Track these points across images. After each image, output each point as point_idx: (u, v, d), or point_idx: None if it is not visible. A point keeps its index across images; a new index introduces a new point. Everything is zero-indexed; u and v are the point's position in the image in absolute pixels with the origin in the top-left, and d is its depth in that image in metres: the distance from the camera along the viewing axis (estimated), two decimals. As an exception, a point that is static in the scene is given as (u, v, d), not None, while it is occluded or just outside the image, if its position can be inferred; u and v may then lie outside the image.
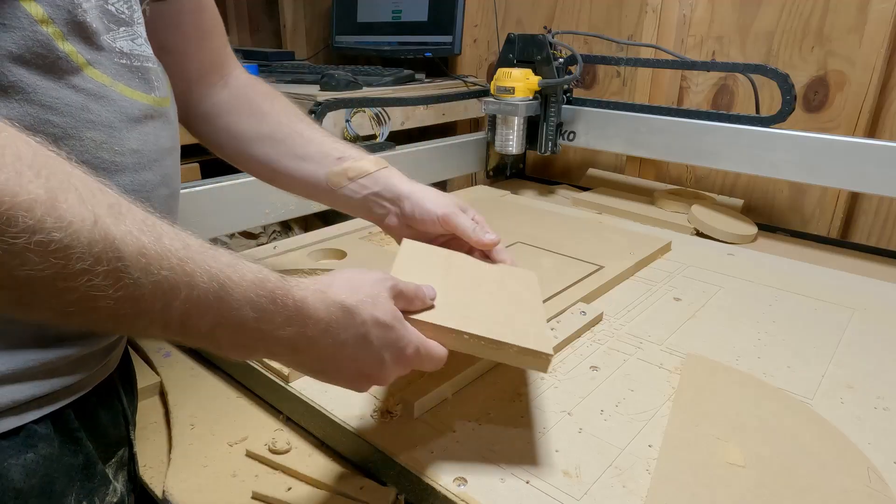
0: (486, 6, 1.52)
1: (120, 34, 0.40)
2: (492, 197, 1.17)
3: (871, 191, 0.90)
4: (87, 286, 0.26)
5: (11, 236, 0.23)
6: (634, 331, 0.65)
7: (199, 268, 0.30)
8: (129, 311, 0.28)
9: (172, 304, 0.29)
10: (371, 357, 0.39)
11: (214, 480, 0.47)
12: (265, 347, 0.35)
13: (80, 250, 0.25)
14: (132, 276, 0.27)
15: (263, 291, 0.33)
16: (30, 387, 0.34)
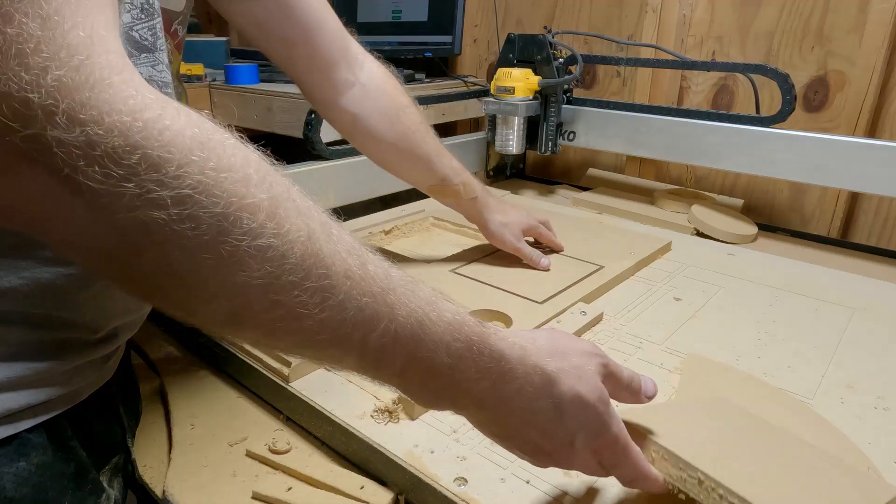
0: (486, 6, 1.52)
1: (141, 60, 0.40)
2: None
3: (871, 191, 0.90)
4: (295, 301, 0.26)
5: (235, 238, 0.24)
6: (634, 331, 0.65)
7: (399, 300, 0.29)
8: (330, 336, 0.27)
9: (371, 335, 0.28)
10: (561, 434, 0.35)
11: (214, 480, 0.47)
12: (451, 396, 0.33)
13: (293, 261, 0.25)
14: (337, 297, 0.27)
15: (460, 335, 0.31)
16: (25, 395, 0.34)
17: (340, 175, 1.00)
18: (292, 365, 0.54)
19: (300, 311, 0.26)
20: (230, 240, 0.23)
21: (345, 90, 0.65)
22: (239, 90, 1.32)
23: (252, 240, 0.24)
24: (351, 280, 0.27)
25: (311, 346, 0.28)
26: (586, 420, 0.35)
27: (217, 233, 0.23)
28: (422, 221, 0.98)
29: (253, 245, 0.24)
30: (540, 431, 0.35)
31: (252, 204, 0.24)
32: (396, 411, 0.50)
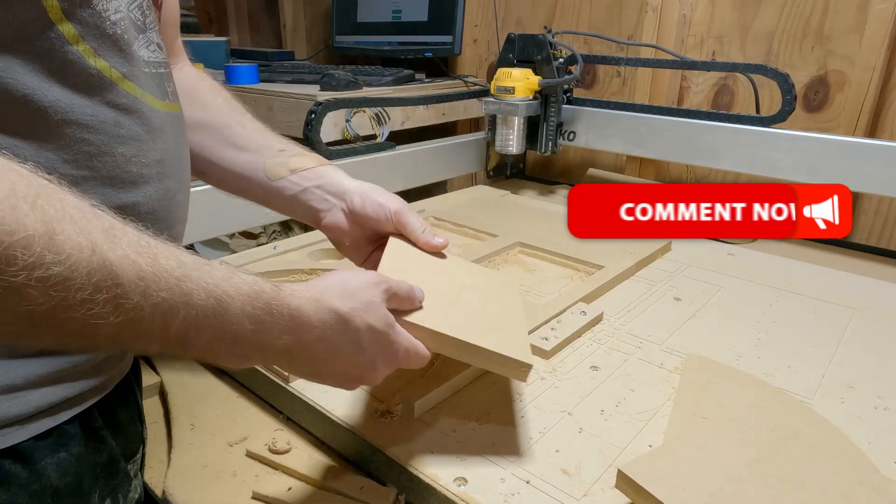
0: (486, 6, 1.52)
1: (140, 42, 0.40)
2: (492, 197, 1.17)
3: (871, 191, 0.90)
4: (88, 315, 0.26)
5: (11, 275, 0.23)
6: (635, 331, 0.65)
7: (196, 286, 0.30)
8: (129, 334, 0.28)
9: (171, 324, 0.29)
10: (363, 361, 0.40)
11: (214, 480, 0.47)
12: (261, 356, 0.36)
13: (79, 281, 0.25)
14: (132, 300, 0.27)
15: (259, 303, 0.33)
16: (62, 388, 0.35)
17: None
18: (292, 365, 0.54)
19: (95, 322, 0.26)
20: (5, 277, 0.23)
21: None
22: (239, 90, 1.32)
23: (31, 272, 0.23)
24: (143, 281, 0.27)
25: (112, 344, 0.28)
26: (381, 345, 0.41)
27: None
28: (422, 221, 0.98)
29: (33, 277, 0.23)
30: (345, 363, 0.39)
31: (25, 238, 0.23)
32: (396, 411, 0.50)
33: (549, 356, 0.60)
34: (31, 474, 0.33)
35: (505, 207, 1.09)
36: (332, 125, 1.12)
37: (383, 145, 1.10)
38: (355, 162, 1.02)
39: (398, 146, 1.12)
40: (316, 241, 0.86)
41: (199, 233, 0.83)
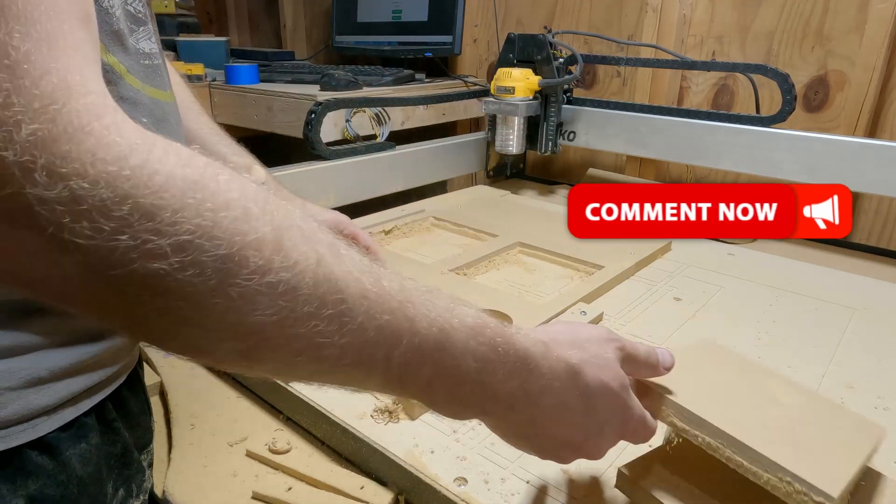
0: (486, 6, 1.52)
1: (140, 34, 0.40)
2: (492, 197, 1.17)
3: (871, 191, 0.90)
4: (314, 332, 0.25)
5: (244, 278, 0.22)
6: (635, 331, 0.65)
7: (419, 312, 0.28)
8: (353, 360, 0.26)
9: (394, 352, 0.27)
10: (591, 425, 0.35)
11: (214, 480, 0.47)
12: (480, 404, 0.32)
13: (306, 292, 0.24)
14: (356, 320, 0.26)
15: (484, 339, 0.30)
16: (83, 379, 0.35)
17: (340, 175, 1.00)
18: (292, 365, 0.54)
19: (320, 341, 0.25)
20: (238, 281, 0.22)
21: None
22: (239, 90, 1.32)
23: (261, 277, 0.23)
24: (368, 300, 0.26)
25: (334, 371, 0.27)
26: (613, 407, 0.35)
27: (224, 276, 0.22)
28: (422, 221, 0.98)
29: (263, 283, 0.23)
30: (569, 425, 0.34)
31: (256, 240, 0.23)
32: (396, 411, 0.50)
33: (549, 356, 0.59)
34: (57, 465, 0.33)
35: (505, 207, 1.09)
36: (332, 125, 1.12)
37: (383, 145, 1.10)
38: (355, 162, 1.02)
39: (398, 146, 1.12)
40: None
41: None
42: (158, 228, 0.21)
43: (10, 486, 0.31)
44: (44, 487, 0.33)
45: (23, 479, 0.32)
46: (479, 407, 0.32)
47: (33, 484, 0.32)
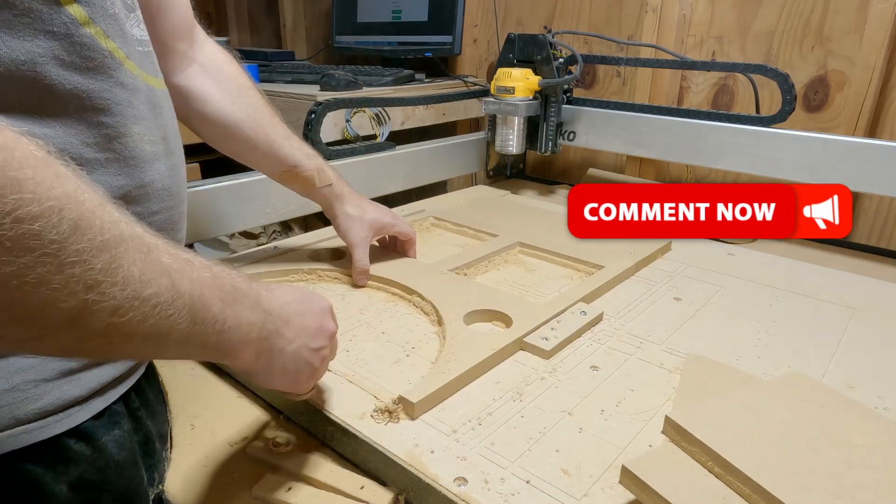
0: (486, 6, 1.52)
1: (132, 20, 0.40)
2: (492, 197, 1.17)
3: (871, 191, 0.90)
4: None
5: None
6: (635, 331, 0.65)
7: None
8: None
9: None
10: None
11: (214, 480, 0.47)
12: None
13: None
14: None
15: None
16: (109, 369, 0.36)
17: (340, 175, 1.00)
18: (292, 365, 0.54)
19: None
20: None
21: (181, 67, 0.60)
22: (239, 90, 1.32)
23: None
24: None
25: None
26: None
27: None
28: (422, 221, 0.98)
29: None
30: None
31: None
32: (396, 411, 0.50)
33: (549, 356, 0.60)
34: (95, 451, 0.34)
35: (505, 207, 1.09)
36: (332, 125, 1.12)
37: (383, 145, 1.10)
38: (355, 162, 1.02)
39: (398, 146, 1.12)
40: (316, 241, 0.86)
41: (198, 233, 0.83)
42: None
43: (53, 474, 0.32)
44: (84, 473, 0.34)
45: (63, 465, 0.33)
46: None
47: (74, 470, 0.33)
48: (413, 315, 0.68)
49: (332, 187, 0.71)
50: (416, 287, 0.70)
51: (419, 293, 0.69)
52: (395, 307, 0.69)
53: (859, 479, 0.39)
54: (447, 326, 0.61)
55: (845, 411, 0.46)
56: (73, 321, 0.26)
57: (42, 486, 0.32)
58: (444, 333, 0.60)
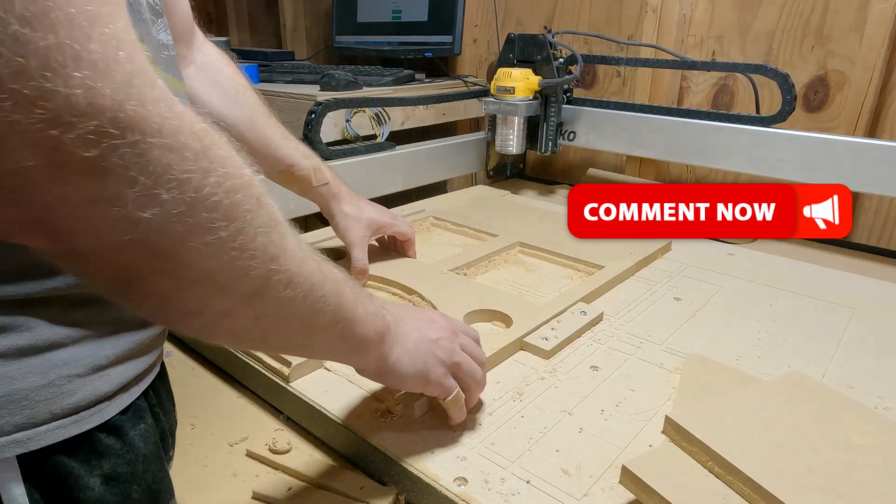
0: (486, 6, 1.52)
1: (159, 26, 0.40)
2: (492, 197, 1.17)
3: (871, 191, 0.90)
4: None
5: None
6: (635, 331, 0.65)
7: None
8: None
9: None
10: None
11: (214, 480, 0.47)
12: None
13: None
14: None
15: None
16: (133, 365, 0.36)
17: (340, 175, 1.00)
18: (292, 365, 0.54)
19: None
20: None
21: (180, 68, 0.61)
22: (239, 90, 1.32)
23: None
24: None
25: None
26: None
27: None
28: (422, 221, 0.98)
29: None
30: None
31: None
32: (396, 411, 0.50)
33: (549, 356, 0.60)
34: (125, 445, 0.35)
35: (505, 207, 1.09)
36: (332, 125, 1.12)
37: (383, 145, 1.10)
38: (355, 162, 1.02)
39: (398, 146, 1.12)
40: (315, 241, 0.86)
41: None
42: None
43: (87, 468, 0.33)
44: (116, 466, 0.34)
45: (97, 459, 0.34)
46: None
47: (106, 463, 0.34)
48: (413, 315, 0.68)
49: (328, 186, 0.72)
50: (416, 287, 0.70)
51: (419, 293, 0.69)
52: (395, 307, 0.69)
53: (859, 479, 0.39)
54: (447, 326, 0.61)
55: (845, 411, 0.46)
56: (259, 292, 0.29)
57: (78, 478, 0.33)
58: (444, 333, 0.60)
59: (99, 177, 0.22)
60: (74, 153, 0.21)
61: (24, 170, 0.21)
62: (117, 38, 0.22)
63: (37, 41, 0.20)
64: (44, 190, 0.22)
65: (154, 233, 0.24)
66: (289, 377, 0.54)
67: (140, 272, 0.26)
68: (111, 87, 0.22)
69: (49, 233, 0.23)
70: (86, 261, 0.25)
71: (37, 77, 0.20)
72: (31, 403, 0.30)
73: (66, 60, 0.21)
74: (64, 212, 0.23)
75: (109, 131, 0.22)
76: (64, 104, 0.21)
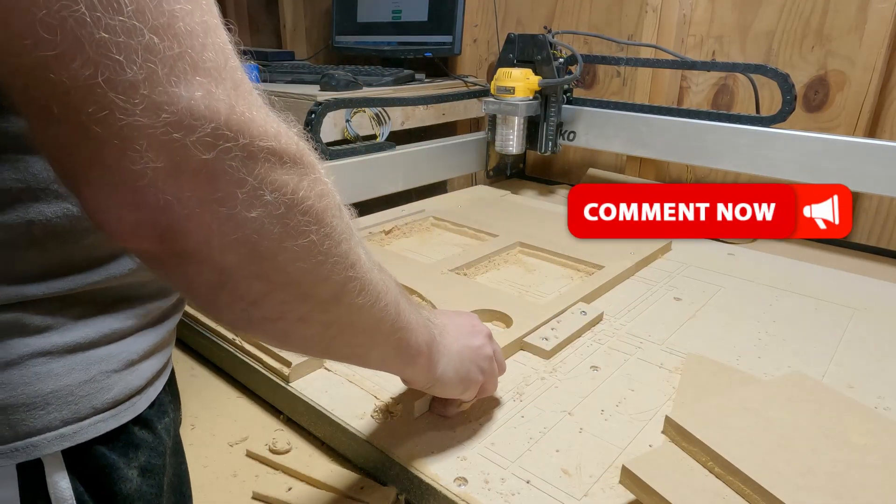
0: (486, 6, 1.52)
1: None
2: (492, 197, 1.17)
3: (871, 191, 0.90)
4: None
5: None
6: (635, 331, 0.65)
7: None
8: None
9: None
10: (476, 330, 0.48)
11: (214, 480, 0.47)
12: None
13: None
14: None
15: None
16: (157, 360, 0.37)
17: (340, 175, 1.00)
18: (292, 365, 0.54)
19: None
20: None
21: None
22: (239, 90, 1.32)
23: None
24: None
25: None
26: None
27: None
28: (422, 221, 0.98)
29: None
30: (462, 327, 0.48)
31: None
32: (396, 411, 0.50)
33: (549, 356, 0.60)
34: (155, 437, 0.36)
35: (505, 207, 1.09)
36: (332, 125, 1.12)
37: (383, 145, 1.10)
38: (355, 162, 1.02)
39: (398, 146, 1.12)
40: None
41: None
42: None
43: (125, 460, 0.34)
44: (150, 458, 0.36)
45: (133, 452, 0.35)
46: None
47: (142, 456, 0.35)
48: (413, 315, 0.68)
49: None
50: (416, 287, 0.70)
51: (419, 293, 0.69)
52: (395, 307, 0.69)
53: (859, 479, 0.39)
54: (447, 326, 0.61)
55: (845, 411, 0.46)
56: (335, 297, 0.31)
57: (118, 471, 0.34)
58: (444, 333, 0.60)
59: (214, 177, 0.24)
60: (194, 155, 0.23)
61: (150, 171, 0.22)
62: (225, 48, 0.24)
63: (164, 50, 0.22)
64: (164, 190, 0.23)
65: (256, 233, 0.25)
66: (289, 377, 0.54)
67: (237, 275, 0.27)
68: (224, 93, 0.23)
69: (161, 234, 0.24)
70: (190, 262, 0.26)
71: (164, 83, 0.22)
72: (76, 399, 0.32)
73: (187, 68, 0.22)
74: (178, 212, 0.24)
75: (225, 134, 0.23)
76: (186, 108, 0.22)
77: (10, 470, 0.30)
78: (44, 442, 0.31)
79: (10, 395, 0.30)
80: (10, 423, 0.30)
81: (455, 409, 0.50)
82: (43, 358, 0.31)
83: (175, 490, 0.39)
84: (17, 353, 0.30)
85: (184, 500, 0.41)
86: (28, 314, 0.30)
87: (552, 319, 0.65)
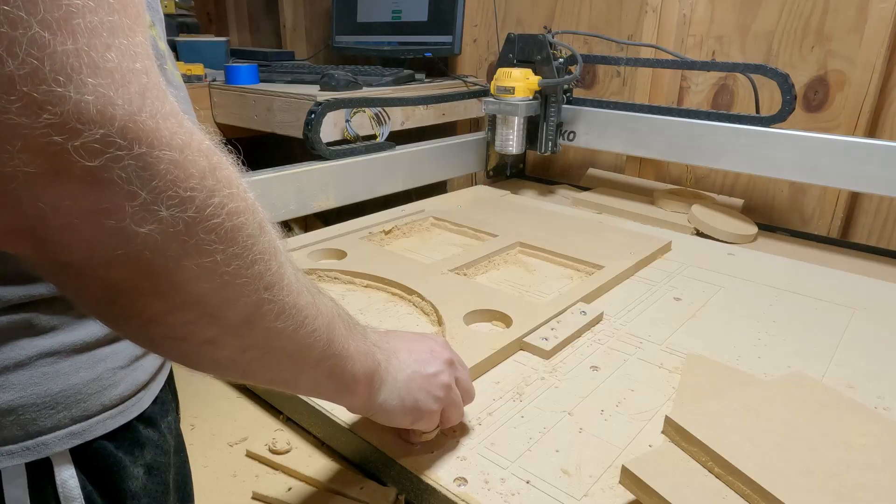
0: (486, 6, 1.52)
1: (158, 33, 0.41)
2: (492, 197, 1.17)
3: (871, 191, 0.90)
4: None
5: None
6: (635, 331, 0.65)
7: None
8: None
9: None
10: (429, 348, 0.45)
11: (214, 480, 0.47)
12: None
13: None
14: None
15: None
16: (155, 359, 0.37)
17: (340, 175, 1.00)
18: (292, 365, 0.54)
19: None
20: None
21: None
22: (239, 90, 1.32)
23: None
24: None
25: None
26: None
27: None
28: (422, 221, 0.98)
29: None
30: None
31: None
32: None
33: (549, 356, 0.60)
34: (160, 435, 0.36)
35: (505, 207, 1.09)
36: (332, 125, 1.12)
37: (383, 145, 1.10)
38: (355, 162, 1.02)
39: (398, 146, 1.12)
40: (316, 241, 0.86)
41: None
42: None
43: (131, 458, 0.34)
44: (155, 456, 0.36)
45: (139, 450, 0.35)
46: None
47: (148, 453, 0.35)
48: (413, 315, 0.68)
49: None
50: (416, 287, 0.70)
51: (419, 293, 0.69)
52: (395, 307, 0.69)
53: (859, 479, 0.39)
54: (447, 326, 0.61)
55: (845, 411, 0.46)
56: (248, 320, 0.28)
57: (125, 468, 0.34)
58: (444, 333, 0.60)
59: (99, 188, 0.22)
60: (76, 161, 0.21)
61: (22, 175, 0.21)
62: (135, 51, 0.22)
63: (55, 45, 0.20)
64: (39, 197, 0.21)
65: (148, 249, 0.23)
66: (289, 377, 0.54)
67: (128, 291, 0.25)
68: (124, 98, 0.21)
69: (37, 241, 0.22)
70: (72, 274, 0.24)
71: (49, 81, 0.20)
72: (84, 397, 0.32)
73: (81, 67, 0.20)
74: (56, 221, 0.22)
75: (116, 141, 0.21)
76: (73, 110, 0.20)
77: (20, 469, 0.30)
78: (53, 440, 0.31)
79: (20, 395, 0.30)
80: (21, 423, 0.30)
81: (417, 437, 0.47)
82: (51, 358, 0.31)
83: (179, 488, 0.39)
84: (27, 353, 0.30)
85: (188, 498, 0.41)
86: (36, 314, 0.30)
87: (552, 319, 0.65)
